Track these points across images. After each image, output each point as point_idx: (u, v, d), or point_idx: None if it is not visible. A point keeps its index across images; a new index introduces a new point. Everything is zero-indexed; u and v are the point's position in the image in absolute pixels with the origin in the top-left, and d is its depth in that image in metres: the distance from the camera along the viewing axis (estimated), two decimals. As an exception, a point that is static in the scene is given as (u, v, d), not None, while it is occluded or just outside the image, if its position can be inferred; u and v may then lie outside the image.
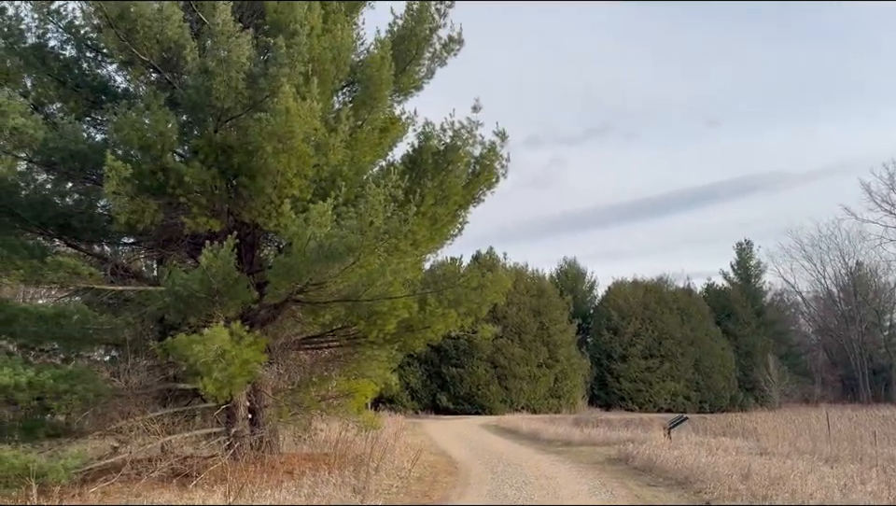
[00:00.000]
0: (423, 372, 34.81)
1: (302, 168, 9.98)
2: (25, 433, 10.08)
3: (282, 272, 9.70)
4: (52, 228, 11.18)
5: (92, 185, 10.79)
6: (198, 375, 9.32)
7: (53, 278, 10.26)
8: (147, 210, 9.77)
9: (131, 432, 9.96)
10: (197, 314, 9.91)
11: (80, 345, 11.81)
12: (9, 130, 9.31)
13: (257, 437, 11.02)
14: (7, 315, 10.88)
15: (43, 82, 11.05)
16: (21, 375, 8.82)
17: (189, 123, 10.44)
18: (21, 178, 11.23)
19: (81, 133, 10.43)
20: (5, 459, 8.23)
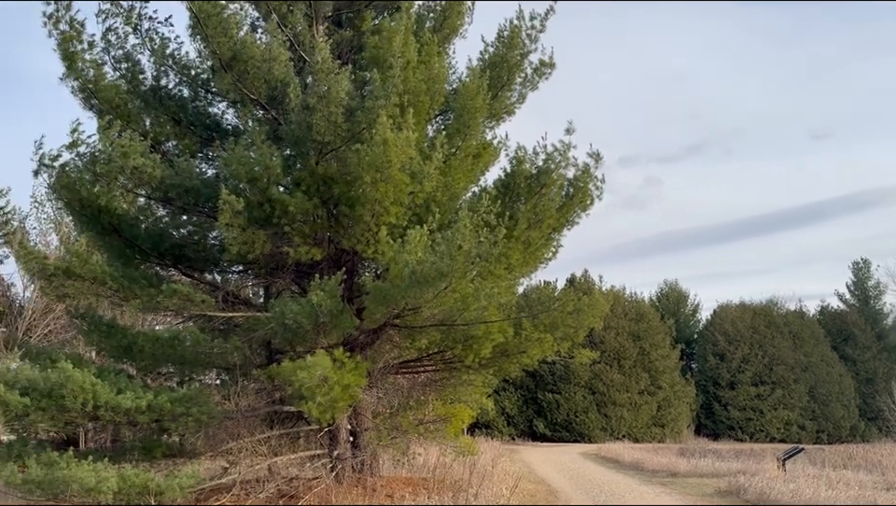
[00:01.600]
0: (518, 397, 34.42)
1: (399, 196, 10.21)
2: (144, 453, 10.73)
3: (379, 297, 9.91)
4: (169, 258, 11.96)
5: (205, 217, 11.45)
6: (302, 399, 9.63)
7: (169, 305, 10.90)
8: (256, 241, 10.24)
9: (240, 453, 10.38)
10: (303, 342, 10.27)
11: (194, 369, 12.49)
12: (130, 169, 10.07)
13: (358, 460, 11.23)
14: (128, 340, 11.69)
15: (160, 122, 11.92)
16: (141, 399, 9.40)
17: (292, 157, 10.92)
18: (140, 213, 12.13)
19: (195, 169, 11.13)
20: (127, 477, 8.76)
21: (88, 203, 10.75)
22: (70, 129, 10.04)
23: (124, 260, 11.30)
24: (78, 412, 9.33)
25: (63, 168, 10.55)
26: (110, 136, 9.81)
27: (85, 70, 11.29)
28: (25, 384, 9.25)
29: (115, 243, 11.37)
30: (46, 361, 9.98)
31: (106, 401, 9.13)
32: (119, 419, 9.59)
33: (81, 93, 11.38)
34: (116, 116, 10.58)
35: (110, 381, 9.46)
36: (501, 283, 11.07)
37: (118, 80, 11.73)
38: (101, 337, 12.12)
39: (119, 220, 11.19)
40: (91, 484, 8.44)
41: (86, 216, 11.05)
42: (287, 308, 9.69)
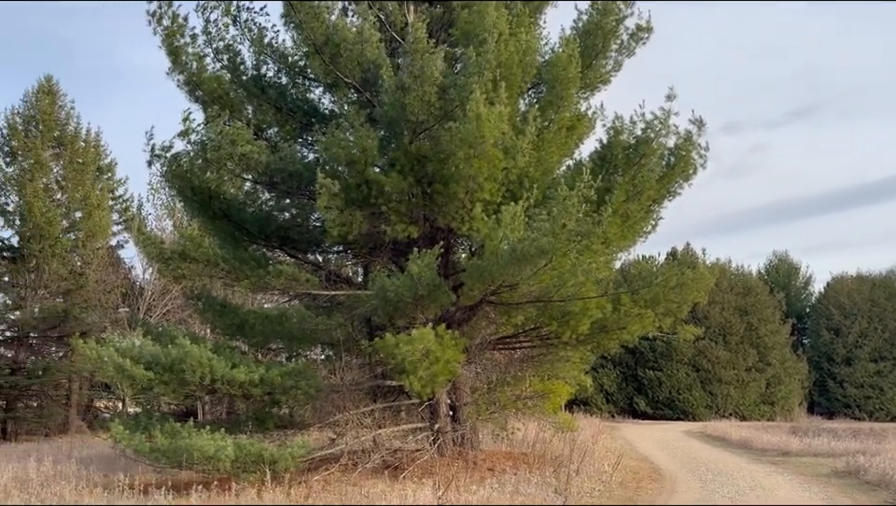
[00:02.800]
0: (618, 374, 33.79)
1: (492, 172, 10.18)
2: (258, 424, 11.35)
3: (475, 274, 9.96)
4: (275, 240, 12.49)
5: (307, 200, 11.85)
6: (404, 373, 9.87)
7: (276, 285, 11.39)
8: (354, 221, 10.52)
9: (346, 425, 10.78)
10: (403, 316, 10.49)
11: (300, 345, 13.05)
12: (238, 156, 10.55)
13: (458, 433, 11.41)
14: (240, 318, 12.36)
15: (262, 109, 12.40)
16: (254, 373, 9.93)
17: (387, 137, 11.10)
18: (247, 198, 12.72)
19: (297, 154, 11.53)
20: (243, 446, 9.30)
21: (199, 189, 11.38)
22: (181, 118, 10.61)
23: (234, 242, 11.89)
24: (197, 385, 9.97)
25: (175, 157, 11.21)
26: (218, 125, 10.29)
27: (189, 63, 11.88)
28: (149, 359, 9.97)
29: (225, 226, 11.98)
30: (166, 338, 10.70)
31: (222, 375, 9.69)
32: (234, 392, 10.17)
33: (186, 86, 11.99)
34: (220, 106, 11.07)
35: (225, 356, 10.03)
36: (599, 258, 10.85)
37: (220, 71, 12.27)
38: (215, 316, 12.88)
39: (228, 205, 11.79)
40: (210, 453, 9.02)
41: (197, 202, 11.70)
42: (387, 282, 9.92)
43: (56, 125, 25.53)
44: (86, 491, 8.97)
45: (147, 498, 8.37)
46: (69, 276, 24.89)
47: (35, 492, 8.99)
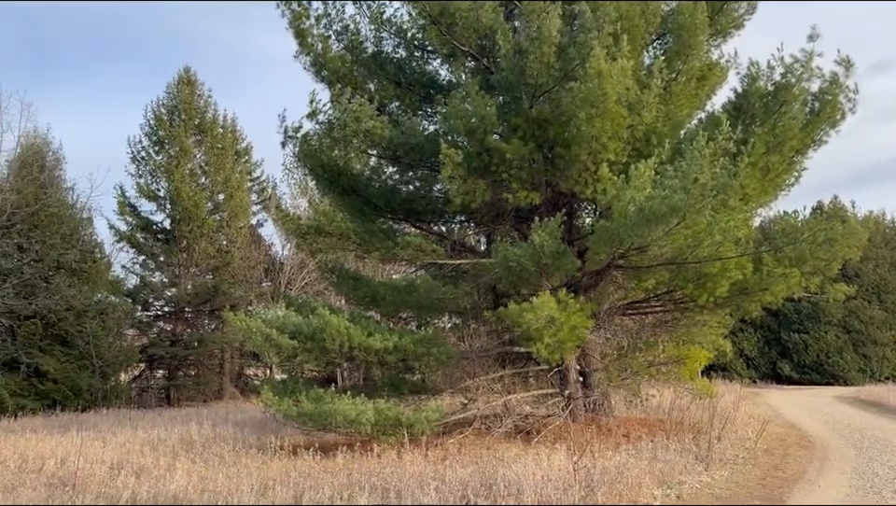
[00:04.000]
0: (759, 338, 31.94)
1: (617, 130, 9.83)
2: (393, 389, 11.79)
3: (602, 238, 9.71)
4: (400, 212, 12.81)
5: (429, 172, 12.02)
6: (531, 340, 9.88)
7: (404, 255, 11.71)
8: (477, 190, 10.55)
9: (477, 391, 10.98)
10: (527, 284, 10.46)
11: (428, 313, 13.37)
12: (363, 132, 10.85)
13: (590, 400, 11.30)
14: (372, 289, 12.82)
15: (383, 85, 12.64)
16: (388, 340, 10.31)
17: (506, 103, 10.99)
18: (373, 172, 13.08)
19: (418, 126, 11.68)
20: (381, 410, 9.71)
21: (328, 166, 11.84)
22: (308, 100, 11.04)
23: (362, 216, 12.31)
24: (337, 352, 10.50)
25: (305, 137, 11.71)
26: (342, 104, 10.62)
27: (314, 45, 12.31)
28: (292, 329, 10.59)
29: (353, 201, 12.43)
30: (307, 310, 11.31)
31: (359, 343, 10.14)
32: (370, 359, 10.62)
33: (313, 67, 12.45)
34: (344, 84, 11.41)
35: (361, 325, 10.48)
36: (737, 215, 10.23)
37: (342, 51, 12.63)
38: (349, 287, 13.46)
39: (356, 180, 12.20)
40: (352, 417, 9.50)
41: (327, 179, 12.20)
42: (509, 252, 9.90)
43: (196, 113, 27.43)
44: (242, 452, 9.75)
45: (297, 458, 8.97)
46: (216, 254, 26.91)
47: (199, 452, 9.89)
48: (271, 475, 7.74)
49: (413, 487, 6.61)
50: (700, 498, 7.14)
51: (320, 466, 8.39)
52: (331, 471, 8.02)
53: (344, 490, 6.66)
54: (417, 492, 6.42)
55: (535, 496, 6.21)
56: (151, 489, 7.01)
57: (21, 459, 9.61)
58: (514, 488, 6.48)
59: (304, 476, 7.59)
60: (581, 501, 6.24)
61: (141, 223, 27.10)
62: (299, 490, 6.79)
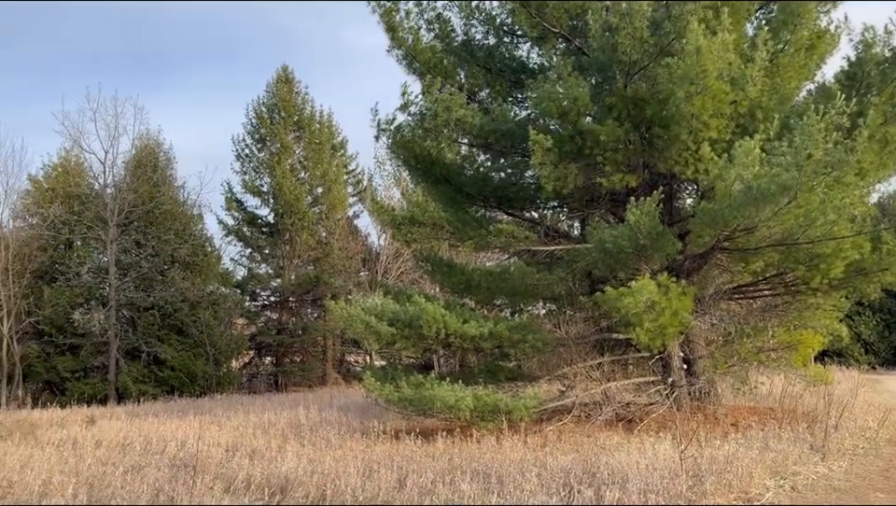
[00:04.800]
0: (878, 321, 29.80)
1: (719, 107, 9.39)
2: (489, 376, 11.85)
3: (706, 219, 9.33)
4: (492, 200, 12.79)
5: (521, 158, 11.95)
6: (630, 326, 9.65)
7: (497, 243, 11.71)
8: (569, 175, 10.39)
9: (574, 378, 10.85)
10: (624, 268, 10.22)
11: (523, 300, 13.33)
12: (454, 121, 10.90)
13: (695, 387, 10.94)
14: (466, 277, 12.90)
15: (473, 73, 12.64)
16: (483, 327, 10.36)
17: (598, 84, 10.74)
18: (464, 161, 13.13)
19: (508, 113, 11.62)
20: (479, 397, 9.79)
21: (421, 157, 11.99)
22: (400, 92, 11.19)
23: (455, 205, 12.39)
24: (433, 339, 10.66)
25: (398, 129, 11.89)
26: (433, 94, 10.70)
27: (405, 37, 12.44)
28: (390, 316, 10.84)
29: (445, 190, 12.53)
30: (403, 298, 11.53)
31: (455, 330, 10.25)
32: (466, 345, 10.72)
33: (404, 60, 12.59)
34: (434, 74, 11.48)
35: (456, 312, 10.59)
36: (852, 192, 9.58)
37: (432, 42, 12.71)
38: (443, 275, 13.60)
39: (448, 170, 12.29)
40: (451, 402, 9.63)
41: (420, 169, 12.36)
42: (605, 235, 9.70)
43: (295, 110, 28.43)
44: (347, 435, 10.09)
45: (399, 442, 9.19)
46: (317, 246, 27.90)
47: (307, 435, 10.31)
48: (375, 458, 7.98)
49: (515, 474, 6.63)
50: (816, 489, 6.78)
51: (422, 450, 8.56)
52: (433, 456, 8.17)
53: (447, 475, 6.77)
54: (519, 478, 6.44)
55: (640, 484, 6.09)
56: (264, 471, 7.38)
57: (146, 441, 10.34)
58: (618, 477, 6.38)
59: (407, 460, 7.77)
60: (688, 491, 6.06)
61: (247, 217, 28.48)
62: (402, 473, 6.96)
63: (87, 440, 10.58)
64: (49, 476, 7.50)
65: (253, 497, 6.42)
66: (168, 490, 6.65)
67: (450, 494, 6.07)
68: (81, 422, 13.10)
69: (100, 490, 6.86)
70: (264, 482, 6.90)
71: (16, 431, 12.18)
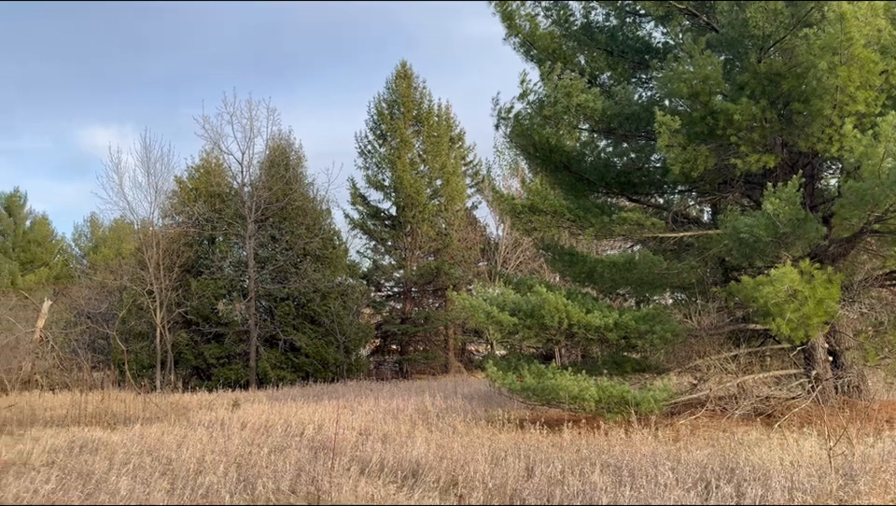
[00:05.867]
0: None
1: (867, 78, 8.64)
2: (615, 367, 11.60)
3: (853, 200, 8.63)
4: (615, 186, 12.48)
5: (645, 142, 11.58)
6: (768, 316, 9.12)
7: (620, 231, 11.41)
8: (699, 157, 9.94)
9: (707, 370, 10.41)
10: (762, 256, 9.66)
11: (649, 290, 12.91)
12: (574, 107, 10.72)
13: (842, 381, 10.17)
14: (588, 266, 12.67)
15: (593, 56, 12.36)
16: (607, 317, 10.16)
17: (729, 61, 10.18)
18: (584, 147, 12.89)
19: (631, 95, 11.27)
20: (605, 388, 9.61)
21: (540, 145, 11.89)
22: (519, 80, 11.15)
23: (576, 193, 12.21)
24: (556, 329, 10.57)
25: (517, 118, 11.86)
26: (552, 80, 10.58)
27: (522, 25, 12.36)
28: (512, 306, 10.86)
29: (566, 178, 12.36)
30: (524, 287, 11.52)
31: (578, 320, 10.12)
32: (590, 336, 10.55)
33: (522, 48, 12.52)
34: (553, 60, 11.34)
35: (579, 302, 10.44)
36: None
37: (550, 27, 12.55)
38: (564, 265, 13.44)
39: (568, 157, 12.11)
40: (574, 393, 9.53)
41: (539, 157, 12.25)
42: (739, 222, 9.19)
43: (413, 105, 29.04)
44: (472, 423, 10.25)
45: (524, 431, 9.23)
46: (437, 237, 28.44)
47: (434, 422, 10.57)
48: (501, 446, 8.06)
49: (647, 467, 6.48)
50: None
51: (548, 440, 8.55)
52: (559, 446, 8.13)
53: (575, 466, 6.73)
54: (651, 472, 6.29)
55: (785, 482, 5.76)
56: (396, 454, 7.66)
57: (286, 424, 10.99)
58: (760, 473, 6.07)
59: (533, 449, 7.79)
60: (839, 490, 5.67)
61: (370, 211, 29.51)
62: (530, 462, 6.99)
63: (233, 422, 11.39)
64: (202, 455, 8.16)
65: (387, 479, 6.67)
66: (309, 470, 7.05)
67: (580, 485, 6.03)
68: (227, 405, 14.14)
69: (247, 469, 7.37)
70: (396, 465, 7.16)
71: (171, 413, 13.35)
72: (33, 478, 6.82)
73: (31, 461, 7.95)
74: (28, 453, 8.45)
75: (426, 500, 5.88)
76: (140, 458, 8.03)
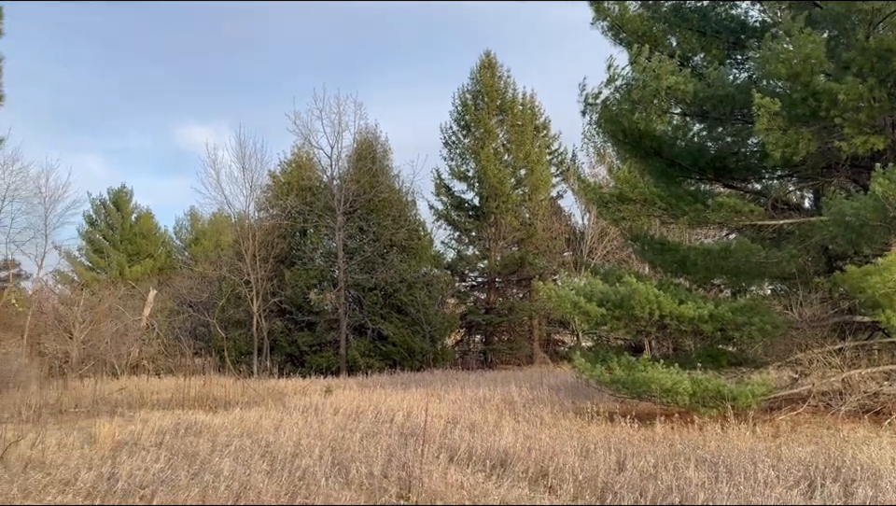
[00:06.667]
0: None
1: None
2: (710, 360, 11.20)
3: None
4: (709, 172, 12.01)
5: (742, 125, 11.07)
6: (877, 308, 8.58)
7: (715, 218, 10.98)
8: (800, 140, 9.43)
9: (809, 364, 9.90)
10: (870, 243, 9.09)
11: (746, 279, 12.38)
12: (664, 90, 10.38)
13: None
14: (681, 255, 12.29)
15: (685, 38, 11.92)
16: (702, 309, 9.81)
17: (833, 38, 9.59)
18: (676, 132, 12.45)
19: (726, 77, 10.80)
20: (699, 381, 9.31)
21: (629, 131, 11.59)
22: (606, 65, 10.90)
23: (667, 179, 11.84)
24: (647, 320, 10.31)
25: (605, 103, 11.59)
26: (641, 63, 10.28)
27: (610, 8, 12.07)
28: (600, 297, 10.67)
29: (656, 164, 12.00)
30: (612, 278, 11.29)
31: (670, 311, 9.83)
32: (683, 328, 10.23)
33: (610, 31, 12.23)
34: (643, 43, 11.01)
35: (671, 292, 10.14)
36: None
37: (639, 9, 12.19)
38: (655, 254, 13.08)
39: (659, 142, 11.75)
40: (667, 386, 9.28)
41: (628, 143, 11.95)
42: (845, 206, 8.67)
43: (497, 95, 28.94)
44: (560, 414, 10.17)
45: (614, 424, 9.07)
46: (521, 227, 28.30)
47: (520, 412, 10.57)
48: (590, 438, 7.97)
49: (745, 464, 6.24)
50: None
51: (639, 434, 8.38)
52: (651, 440, 7.96)
53: (669, 460, 6.57)
54: (750, 469, 6.05)
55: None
56: (484, 443, 7.71)
57: (376, 410, 11.28)
58: (869, 473, 5.74)
59: (624, 442, 7.66)
60: (961, 497, 5.28)
61: (454, 202, 29.68)
62: (621, 455, 6.88)
63: (326, 407, 11.79)
64: (298, 438, 8.49)
65: (475, 468, 6.73)
66: (399, 455, 7.22)
67: (674, 480, 5.88)
68: (320, 391, 14.64)
69: (340, 453, 7.62)
70: (485, 454, 7.21)
71: (268, 398, 13.95)
72: (143, 457, 7.30)
73: (141, 441, 8.50)
74: (138, 433, 9.04)
75: (515, 491, 5.90)
76: (240, 441, 8.44)
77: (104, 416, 11.10)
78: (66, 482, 6.24)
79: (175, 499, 5.61)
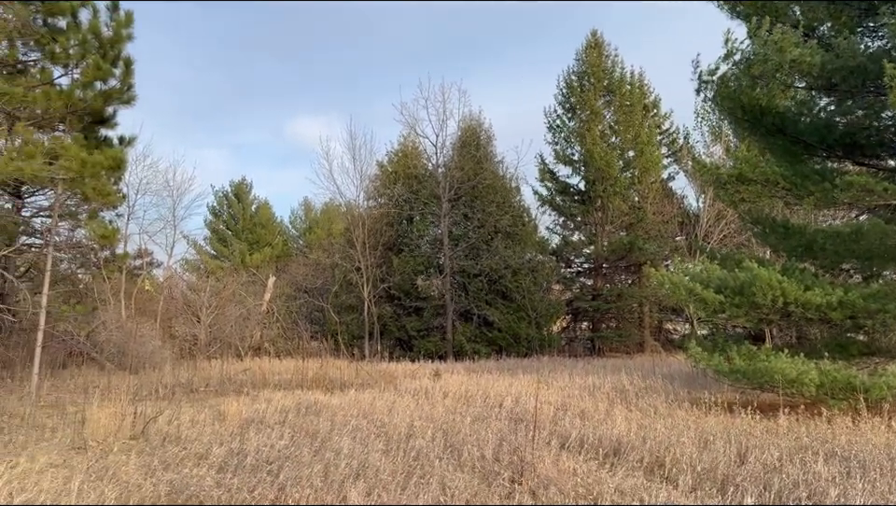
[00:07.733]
0: None
1: None
2: (839, 350, 10.52)
3: None
4: (837, 149, 11.21)
5: (874, 98, 10.26)
6: None
7: (844, 198, 10.26)
8: (944, 111, 8.62)
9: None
10: None
11: (879, 263, 11.49)
12: (788, 63, 9.76)
13: None
14: (806, 238, 11.57)
15: (810, 7, 11.14)
16: (830, 295, 9.22)
17: None
18: (801, 108, 11.70)
19: (856, 46, 10.02)
20: (827, 372, 8.78)
21: (748, 107, 11.00)
22: (723, 40, 10.38)
23: (791, 158, 11.16)
24: (769, 308, 9.80)
25: (722, 79, 11.05)
26: (762, 36, 9.72)
27: (727, -20, 11.47)
28: (717, 283, 10.24)
29: (779, 142, 11.33)
30: (731, 263, 10.80)
31: (796, 298, 9.30)
32: (809, 315, 9.65)
33: (726, 4, 11.63)
34: (762, 15, 10.40)
35: (796, 278, 9.60)
36: None
37: (759, -21, 11.49)
38: (777, 238, 12.38)
39: (782, 119, 11.09)
40: (792, 376, 8.81)
41: (748, 120, 11.34)
42: None
43: (605, 75, 28.20)
44: (675, 404, 9.88)
45: (733, 416, 8.71)
46: (629, 211, 27.53)
47: (632, 401, 10.34)
48: (708, 429, 7.69)
49: (881, 459, 5.84)
50: None
51: (761, 425, 8.00)
52: (774, 432, 7.59)
53: (794, 454, 6.24)
54: (887, 465, 5.66)
55: None
56: (596, 431, 7.63)
57: (484, 395, 11.39)
58: None
59: (745, 434, 7.35)
60: None
61: (559, 187, 29.30)
62: (742, 447, 6.60)
63: (435, 391, 12.03)
64: (411, 420, 8.73)
65: (587, 455, 6.68)
66: (510, 440, 7.27)
67: (801, 474, 5.58)
68: (429, 375, 14.95)
69: (451, 435, 7.76)
70: (597, 442, 7.13)
71: (380, 380, 14.41)
72: (269, 434, 7.75)
73: (266, 419, 9.02)
74: (263, 412, 9.60)
75: (630, 480, 5.80)
76: (357, 421, 8.78)
77: (230, 395, 11.87)
78: (200, 456, 6.74)
79: (299, 474, 5.93)
